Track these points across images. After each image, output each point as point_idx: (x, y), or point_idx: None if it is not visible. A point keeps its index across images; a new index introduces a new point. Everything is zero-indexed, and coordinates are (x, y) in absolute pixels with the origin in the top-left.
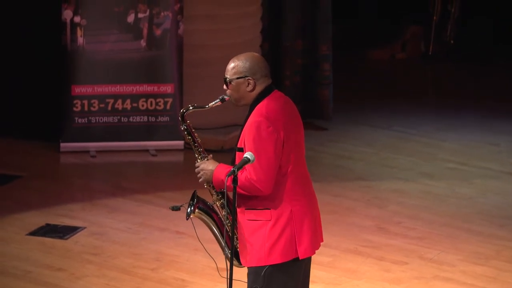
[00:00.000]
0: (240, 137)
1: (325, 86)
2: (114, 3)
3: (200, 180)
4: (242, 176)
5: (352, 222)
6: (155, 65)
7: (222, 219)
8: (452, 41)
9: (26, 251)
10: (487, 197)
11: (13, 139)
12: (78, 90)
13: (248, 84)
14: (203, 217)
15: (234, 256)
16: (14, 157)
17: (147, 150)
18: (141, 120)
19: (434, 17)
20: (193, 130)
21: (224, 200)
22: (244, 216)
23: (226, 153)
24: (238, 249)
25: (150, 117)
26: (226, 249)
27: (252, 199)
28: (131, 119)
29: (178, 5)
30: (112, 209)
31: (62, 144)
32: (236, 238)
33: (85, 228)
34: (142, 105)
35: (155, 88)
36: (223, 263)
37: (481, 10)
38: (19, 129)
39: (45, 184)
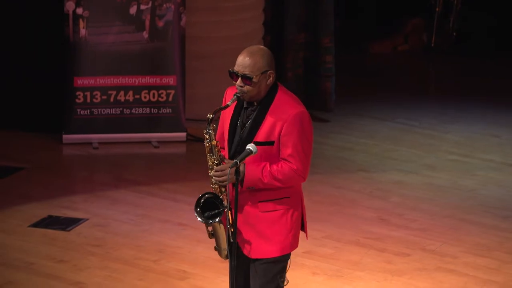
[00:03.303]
0: (264, 130)
1: (327, 79)
2: None
3: (224, 182)
4: (284, 167)
5: (354, 214)
6: (157, 57)
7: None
8: (454, 33)
9: (29, 243)
10: (489, 189)
11: (15, 131)
12: (80, 81)
13: (270, 77)
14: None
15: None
16: (17, 149)
17: (149, 142)
18: (144, 112)
19: (437, 9)
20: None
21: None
22: (257, 209)
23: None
24: (242, 244)
25: (152, 109)
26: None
27: (269, 191)
28: (133, 111)
29: None
30: (115, 201)
31: (64, 136)
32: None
33: (87, 219)
34: (145, 97)
35: (158, 80)
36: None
37: (483, 6)
38: (21, 121)
39: (48, 176)
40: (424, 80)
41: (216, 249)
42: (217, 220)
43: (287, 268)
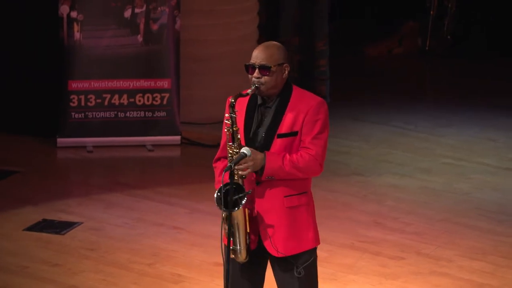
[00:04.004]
0: (288, 122)
1: (322, 82)
2: None
3: (246, 171)
4: (304, 154)
5: (349, 217)
6: (152, 60)
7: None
8: (449, 37)
9: (23, 246)
10: (485, 192)
11: (9, 134)
12: (74, 85)
13: (285, 70)
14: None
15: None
16: (11, 152)
17: (144, 145)
18: (138, 115)
19: (431, 12)
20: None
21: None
22: (282, 205)
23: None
24: (269, 243)
25: (147, 112)
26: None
27: (291, 185)
28: (128, 114)
29: (175, 0)
30: (109, 204)
31: (59, 139)
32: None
33: (82, 223)
34: (139, 100)
35: (152, 83)
36: (220, 258)
37: (478, 9)
38: (15, 124)
39: (42, 179)
40: (419, 83)
41: (233, 253)
42: (242, 204)
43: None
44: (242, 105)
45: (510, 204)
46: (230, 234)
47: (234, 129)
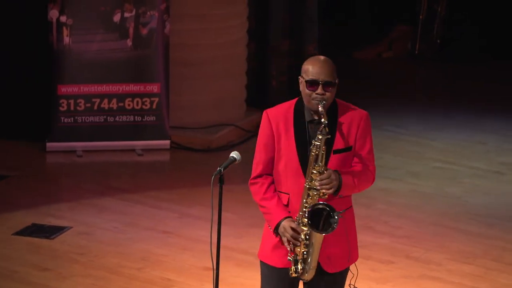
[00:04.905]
0: (340, 138)
1: None
2: (100, 2)
3: (330, 191)
4: (366, 171)
5: None
6: (141, 64)
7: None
8: (438, 40)
9: (13, 251)
10: (475, 196)
11: None
12: (64, 89)
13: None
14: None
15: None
16: (0, 157)
17: (133, 150)
18: (128, 119)
19: (420, 16)
20: None
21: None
22: (351, 214)
23: (213, 152)
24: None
25: (136, 117)
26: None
27: (346, 198)
28: (117, 118)
29: (165, 5)
30: (99, 209)
31: (48, 144)
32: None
33: (71, 227)
34: (128, 105)
35: (142, 88)
36: (209, 262)
37: (469, 14)
38: (5, 128)
39: (32, 183)
40: (410, 87)
41: (296, 272)
42: (335, 224)
43: None
44: (284, 121)
45: (500, 208)
46: (304, 253)
47: (322, 151)
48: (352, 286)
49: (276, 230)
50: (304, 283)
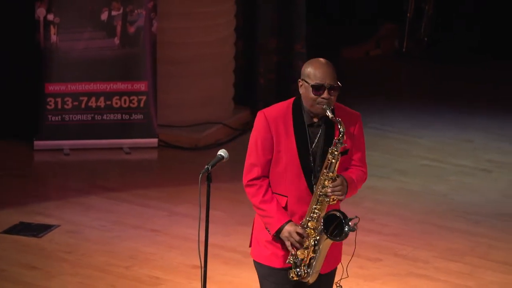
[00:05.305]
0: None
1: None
2: (88, 1)
3: (341, 197)
4: (359, 172)
5: None
6: (128, 62)
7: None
8: (426, 39)
9: (0, 249)
10: (462, 194)
11: None
12: (51, 88)
13: None
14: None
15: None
16: None
17: (121, 148)
18: (115, 118)
19: (408, 14)
20: None
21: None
22: None
23: (201, 150)
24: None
25: (124, 115)
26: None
27: (337, 204)
28: (104, 117)
29: (152, 3)
30: (87, 207)
31: (35, 142)
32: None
33: (59, 226)
34: (116, 103)
35: (129, 86)
36: (197, 260)
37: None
38: None
39: (19, 182)
40: (397, 85)
41: (298, 275)
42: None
43: None
44: (284, 123)
45: (486, 205)
46: (312, 258)
47: (338, 159)
48: (338, 285)
49: (277, 233)
50: (295, 284)
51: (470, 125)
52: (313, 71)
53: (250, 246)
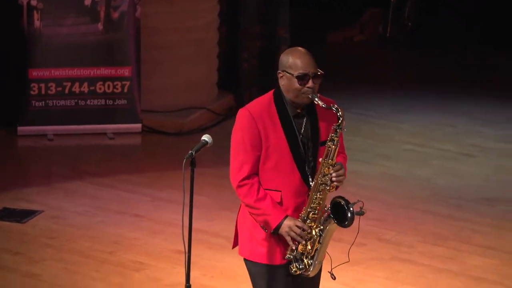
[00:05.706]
0: (322, 130)
1: None
2: None
3: (341, 183)
4: (343, 160)
5: None
6: (112, 48)
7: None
8: (409, 24)
9: None
10: (445, 178)
11: None
12: (35, 73)
13: None
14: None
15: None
16: None
17: (104, 133)
18: (99, 103)
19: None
20: None
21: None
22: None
23: (185, 136)
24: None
25: (107, 100)
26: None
27: None
28: (88, 102)
29: None
30: (70, 193)
31: (19, 128)
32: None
33: (42, 211)
34: (100, 88)
35: (113, 71)
36: (181, 245)
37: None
38: None
39: (2, 168)
40: (380, 70)
41: (301, 268)
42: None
43: None
44: (269, 118)
45: (469, 190)
46: (317, 249)
47: (335, 146)
48: (330, 273)
49: (276, 230)
50: (289, 281)
51: (453, 110)
52: (295, 61)
53: (235, 245)
